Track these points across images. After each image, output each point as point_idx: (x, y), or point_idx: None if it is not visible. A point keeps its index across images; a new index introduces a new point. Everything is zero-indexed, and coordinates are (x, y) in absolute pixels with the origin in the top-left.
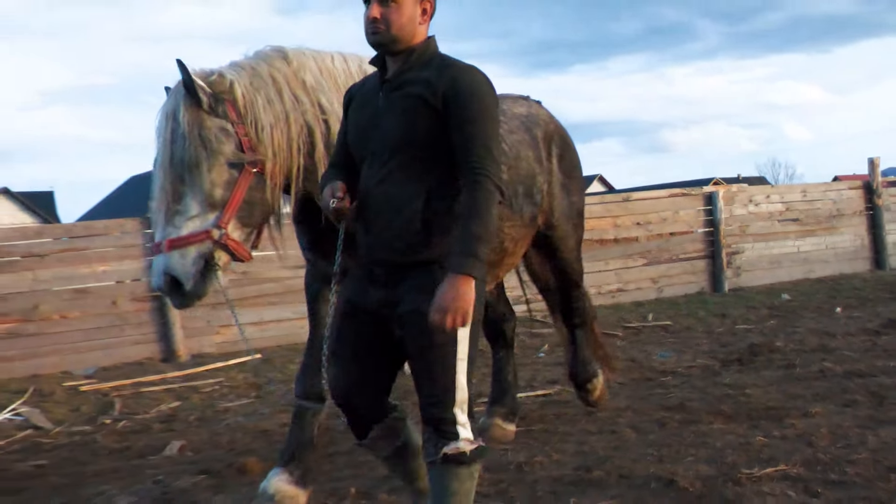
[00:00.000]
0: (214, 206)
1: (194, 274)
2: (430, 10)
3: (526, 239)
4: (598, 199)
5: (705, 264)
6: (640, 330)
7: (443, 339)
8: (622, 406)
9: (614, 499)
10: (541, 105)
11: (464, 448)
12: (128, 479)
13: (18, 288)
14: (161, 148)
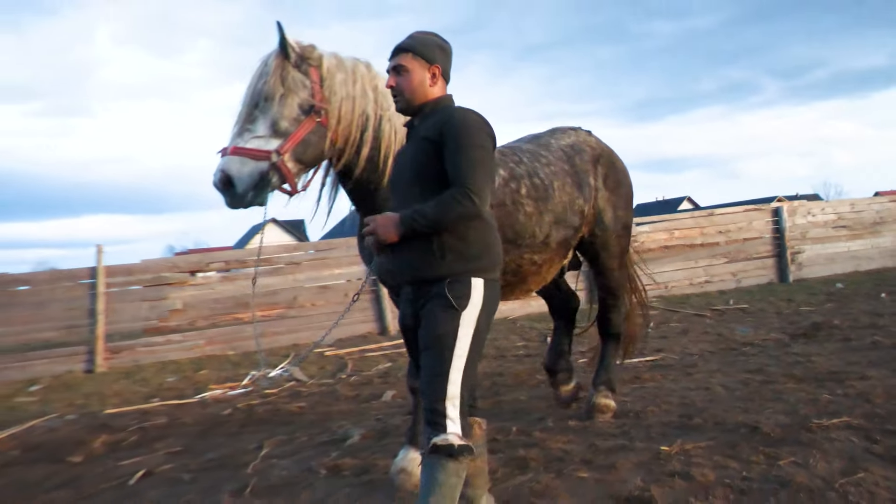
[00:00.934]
0: (278, 133)
1: (248, 181)
2: (440, 74)
3: (555, 260)
4: (688, 214)
5: (773, 261)
6: (724, 312)
7: (445, 331)
8: (714, 369)
9: (711, 440)
10: (590, 133)
11: (452, 441)
12: (358, 416)
13: (283, 286)
14: (249, 82)
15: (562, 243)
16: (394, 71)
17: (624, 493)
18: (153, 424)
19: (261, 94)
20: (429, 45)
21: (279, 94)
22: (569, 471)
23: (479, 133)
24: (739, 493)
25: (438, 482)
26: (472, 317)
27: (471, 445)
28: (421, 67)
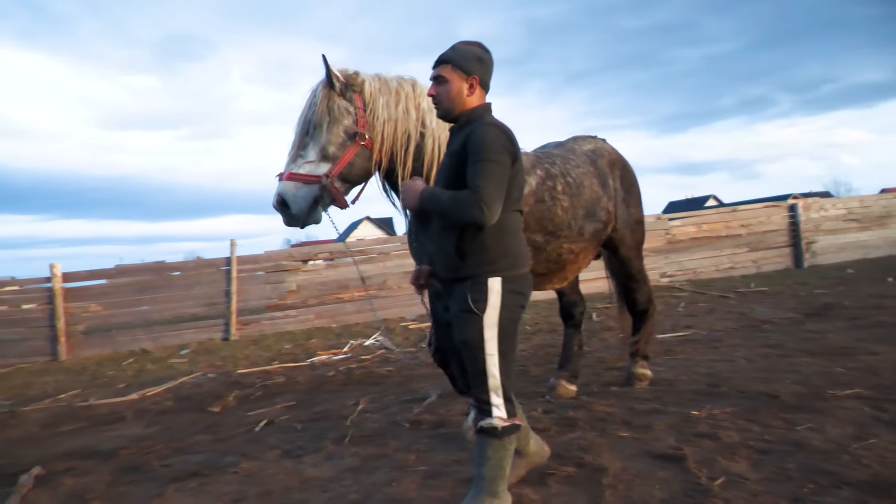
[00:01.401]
0: (327, 158)
1: (302, 203)
2: (477, 84)
3: (588, 250)
4: (714, 211)
5: (790, 250)
6: (745, 294)
7: (472, 336)
8: (736, 344)
9: (735, 406)
10: (605, 141)
11: (496, 424)
12: (436, 380)
13: (375, 272)
14: (301, 112)
15: (594, 235)
16: (435, 81)
17: (659, 451)
18: (274, 383)
19: (310, 122)
20: (467, 57)
21: (326, 123)
22: (611, 430)
23: (495, 148)
24: (761, 453)
25: (487, 456)
26: (493, 319)
27: (516, 423)
28: (459, 79)
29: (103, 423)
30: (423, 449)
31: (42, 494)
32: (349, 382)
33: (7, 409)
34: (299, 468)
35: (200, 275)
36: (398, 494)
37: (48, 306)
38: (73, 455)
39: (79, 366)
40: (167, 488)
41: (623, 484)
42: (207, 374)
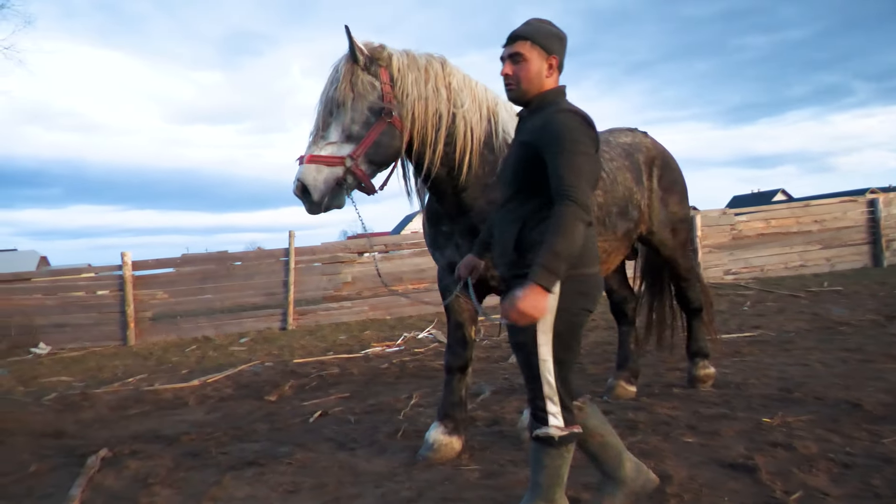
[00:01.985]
0: (351, 138)
1: (323, 188)
2: (556, 65)
3: (620, 250)
4: (784, 206)
5: (868, 248)
6: (818, 293)
7: (524, 339)
8: (811, 346)
9: (812, 414)
10: (646, 134)
11: (552, 433)
12: (489, 375)
13: (429, 265)
14: (323, 89)
15: (626, 234)
16: (510, 59)
17: (728, 459)
18: (329, 373)
19: (333, 100)
20: (548, 35)
21: (350, 100)
22: (675, 434)
23: (581, 138)
24: (843, 466)
25: (543, 464)
26: (548, 322)
27: (573, 432)
28: (539, 57)
29: (167, 407)
30: (476, 447)
31: (107, 476)
32: (402, 375)
33: (80, 391)
34: (353, 462)
35: (261, 265)
36: (451, 494)
37: (119, 293)
38: (139, 438)
39: (146, 351)
40: (225, 476)
41: (689, 493)
42: (265, 362)
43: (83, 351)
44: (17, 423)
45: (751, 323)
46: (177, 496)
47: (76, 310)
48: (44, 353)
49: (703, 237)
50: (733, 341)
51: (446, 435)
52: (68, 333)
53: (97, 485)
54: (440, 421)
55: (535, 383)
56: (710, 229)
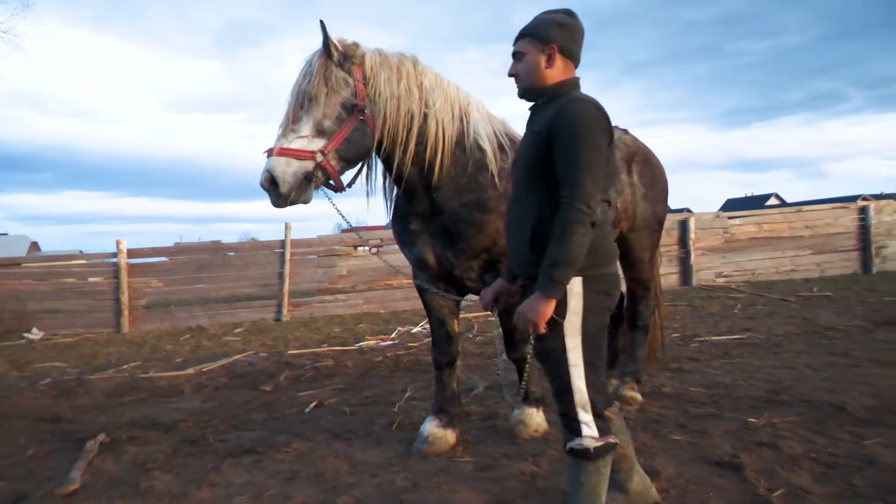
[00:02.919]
0: (322, 133)
1: (291, 181)
2: (557, 54)
3: None
4: (777, 210)
5: (858, 254)
6: (809, 298)
7: (552, 346)
8: (799, 350)
9: (798, 415)
10: (626, 132)
11: (587, 445)
12: (483, 371)
13: None
14: (294, 83)
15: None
16: (514, 58)
17: (715, 457)
18: (323, 365)
19: (305, 93)
20: (545, 24)
21: (323, 94)
22: (664, 433)
23: (592, 130)
24: (826, 466)
25: (580, 482)
26: (576, 325)
27: (610, 442)
28: (536, 50)
29: (163, 395)
30: (471, 440)
31: (106, 461)
32: (397, 369)
33: (75, 377)
34: (349, 452)
35: (256, 256)
36: (446, 485)
37: (114, 280)
38: (136, 424)
39: (140, 339)
40: (223, 463)
41: (677, 489)
42: (260, 353)
43: (76, 337)
44: (12, 407)
45: (741, 326)
46: (176, 481)
47: (70, 296)
48: (36, 338)
49: (697, 240)
50: (723, 343)
51: (441, 428)
52: (61, 319)
53: (97, 469)
54: (435, 415)
55: (566, 394)
56: (703, 232)
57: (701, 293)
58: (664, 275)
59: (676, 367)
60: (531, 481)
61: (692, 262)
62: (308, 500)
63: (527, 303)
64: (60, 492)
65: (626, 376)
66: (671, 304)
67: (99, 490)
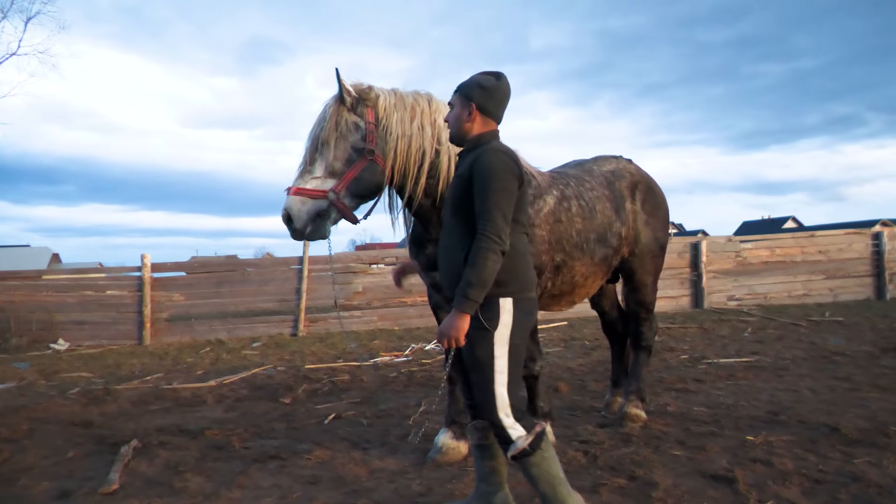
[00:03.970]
0: (334, 174)
1: (306, 219)
2: (475, 111)
3: (597, 275)
4: (790, 235)
5: (871, 280)
6: (819, 322)
7: (483, 353)
8: (804, 373)
9: (794, 435)
10: (630, 161)
11: (521, 445)
12: None
13: None
14: (312, 127)
15: (603, 260)
16: (448, 107)
17: (710, 471)
18: (340, 379)
19: (318, 139)
20: (469, 85)
21: (333, 139)
22: (665, 448)
23: (502, 175)
24: (814, 482)
25: (535, 476)
26: (505, 336)
27: (538, 431)
28: (461, 106)
29: (187, 405)
30: None
31: (141, 463)
32: (411, 384)
33: (102, 387)
34: (367, 459)
35: (275, 272)
36: (458, 490)
37: (137, 293)
38: (164, 431)
39: (161, 351)
40: (250, 467)
41: (672, 499)
42: (277, 366)
43: (101, 348)
44: (46, 413)
45: (749, 349)
46: (208, 482)
47: (95, 308)
48: (62, 349)
49: (708, 262)
50: (730, 366)
51: (454, 440)
52: (86, 331)
53: (133, 470)
54: (447, 427)
55: (490, 401)
56: (715, 255)
57: (712, 316)
58: (675, 297)
59: (682, 387)
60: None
61: (704, 285)
62: (330, 502)
63: (445, 322)
64: (103, 491)
65: (631, 395)
66: (682, 326)
67: (137, 489)
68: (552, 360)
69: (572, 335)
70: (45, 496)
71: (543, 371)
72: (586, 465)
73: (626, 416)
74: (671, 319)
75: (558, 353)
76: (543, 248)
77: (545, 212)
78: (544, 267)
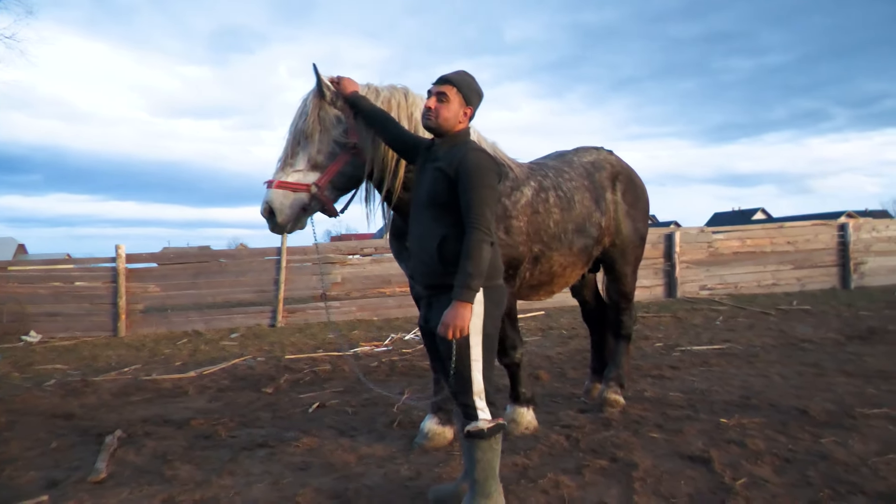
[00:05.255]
0: (317, 167)
1: (288, 213)
2: (470, 114)
3: (577, 265)
4: (760, 226)
5: (837, 270)
6: (788, 311)
7: (459, 343)
8: (773, 360)
9: (765, 418)
10: (611, 153)
11: (482, 426)
12: None
13: None
14: (292, 121)
15: (582, 250)
16: (437, 95)
17: (687, 452)
18: (321, 369)
19: (301, 132)
20: (472, 89)
21: (317, 132)
22: (643, 431)
23: (488, 174)
24: (785, 461)
25: (476, 459)
26: (478, 326)
27: (500, 423)
28: (459, 104)
29: (168, 395)
30: None
31: (128, 453)
32: (393, 373)
33: (79, 379)
34: (355, 446)
35: (252, 263)
36: (446, 474)
37: (112, 285)
38: (148, 422)
39: (137, 342)
40: (239, 455)
41: (652, 478)
42: (257, 357)
43: (75, 340)
44: (24, 405)
45: (721, 337)
46: (197, 471)
47: (67, 299)
48: (35, 341)
49: (682, 253)
50: (703, 353)
51: (439, 425)
52: (59, 323)
53: (120, 460)
54: (433, 413)
55: (465, 384)
56: (688, 245)
57: (685, 305)
58: (650, 287)
59: (658, 374)
60: (523, 471)
61: (677, 275)
62: (322, 487)
63: (449, 313)
64: (91, 479)
65: (610, 381)
66: (656, 315)
67: (126, 478)
68: (531, 350)
69: (550, 325)
70: (34, 486)
71: (524, 360)
72: (569, 448)
73: (606, 402)
74: (646, 309)
75: (537, 343)
76: (521, 238)
77: (522, 203)
78: (522, 258)
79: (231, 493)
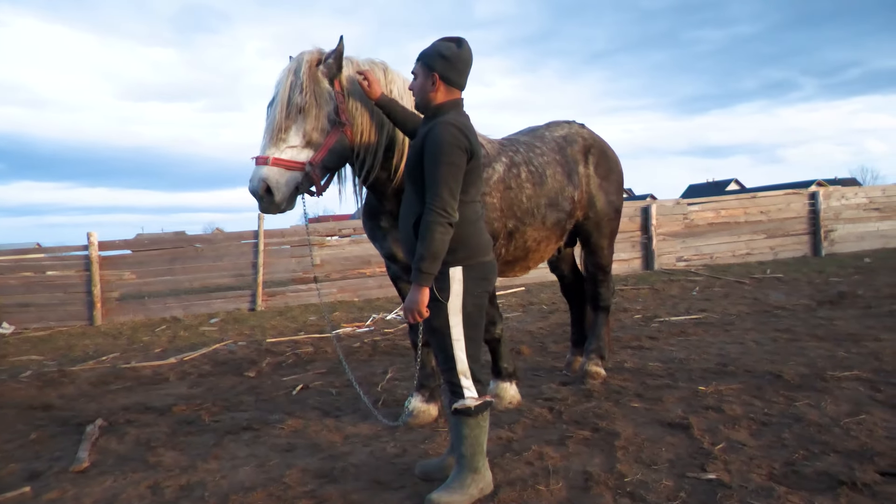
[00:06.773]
0: (310, 144)
1: (286, 191)
2: (439, 81)
3: (550, 240)
4: (734, 197)
5: (808, 238)
6: (761, 280)
7: (439, 324)
8: (748, 327)
9: (741, 384)
10: (583, 126)
11: (469, 404)
12: None
13: None
14: (282, 90)
15: (556, 224)
16: (412, 75)
17: (667, 420)
18: (304, 352)
19: (295, 105)
20: (431, 54)
21: (314, 108)
22: (624, 401)
23: (451, 149)
24: (761, 424)
25: (464, 435)
26: (457, 305)
27: (487, 400)
28: (423, 75)
29: (149, 383)
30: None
31: (110, 441)
32: (375, 353)
33: (56, 369)
34: (340, 426)
35: (230, 247)
36: (432, 450)
37: (85, 273)
38: (129, 409)
39: (115, 330)
40: (224, 439)
41: (634, 446)
42: (238, 341)
43: (49, 331)
44: (1, 398)
45: (698, 307)
46: (182, 456)
47: (40, 289)
48: (7, 332)
49: (658, 225)
50: (680, 323)
51: (424, 403)
52: (32, 313)
53: (102, 448)
54: (418, 391)
55: (450, 363)
56: (664, 218)
57: (662, 276)
58: (627, 260)
59: (637, 345)
60: (507, 445)
61: (654, 247)
62: (309, 467)
63: (408, 297)
64: (74, 469)
65: (591, 353)
66: (634, 287)
67: (110, 466)
68: (512, 325)
69: (530, 300)
70: (15, 478)
71: (504, 335)
72: (552, 420)
73: (587, 374)
74: (624, 282)
75: (518, 318)
76: (495, 215)
77: (494, 179)
78: (497, 234)
79: (217, 477)
